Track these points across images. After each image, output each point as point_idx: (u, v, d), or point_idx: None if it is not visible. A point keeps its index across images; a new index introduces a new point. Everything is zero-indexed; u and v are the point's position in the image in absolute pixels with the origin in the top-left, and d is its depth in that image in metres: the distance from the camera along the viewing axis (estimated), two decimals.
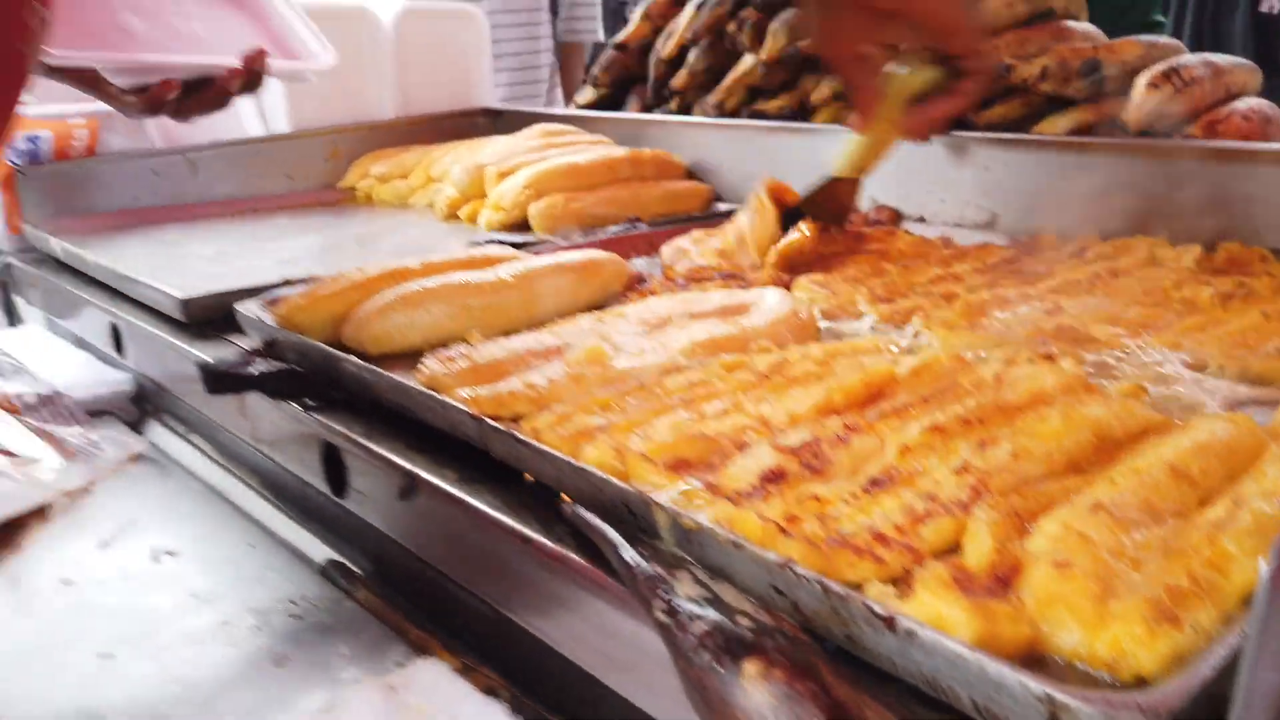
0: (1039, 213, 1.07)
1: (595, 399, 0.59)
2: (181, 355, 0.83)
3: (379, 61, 1.57)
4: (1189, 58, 1.06)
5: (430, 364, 0.66)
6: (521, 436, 0.54)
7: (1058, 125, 1.06)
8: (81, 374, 1.03)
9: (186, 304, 0.88)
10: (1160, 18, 1.83)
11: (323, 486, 0.67)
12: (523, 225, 1.24)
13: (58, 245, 1.15)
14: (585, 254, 0.87)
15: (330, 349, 0.70)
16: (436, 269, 0.80)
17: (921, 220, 1.17)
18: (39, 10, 0.54)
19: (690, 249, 0.99)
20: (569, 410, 0.57)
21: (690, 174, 1.41)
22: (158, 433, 0.99)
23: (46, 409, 0.96)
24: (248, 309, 0.79)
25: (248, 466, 0.80)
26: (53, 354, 1.11)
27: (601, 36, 2.59)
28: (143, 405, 1.04)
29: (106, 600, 0.67)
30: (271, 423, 0.72)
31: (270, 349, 0.77)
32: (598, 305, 0.86)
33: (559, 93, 2.51)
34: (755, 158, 1.34)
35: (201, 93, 0.86)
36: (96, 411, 1.00)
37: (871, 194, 1.22)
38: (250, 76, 0.86)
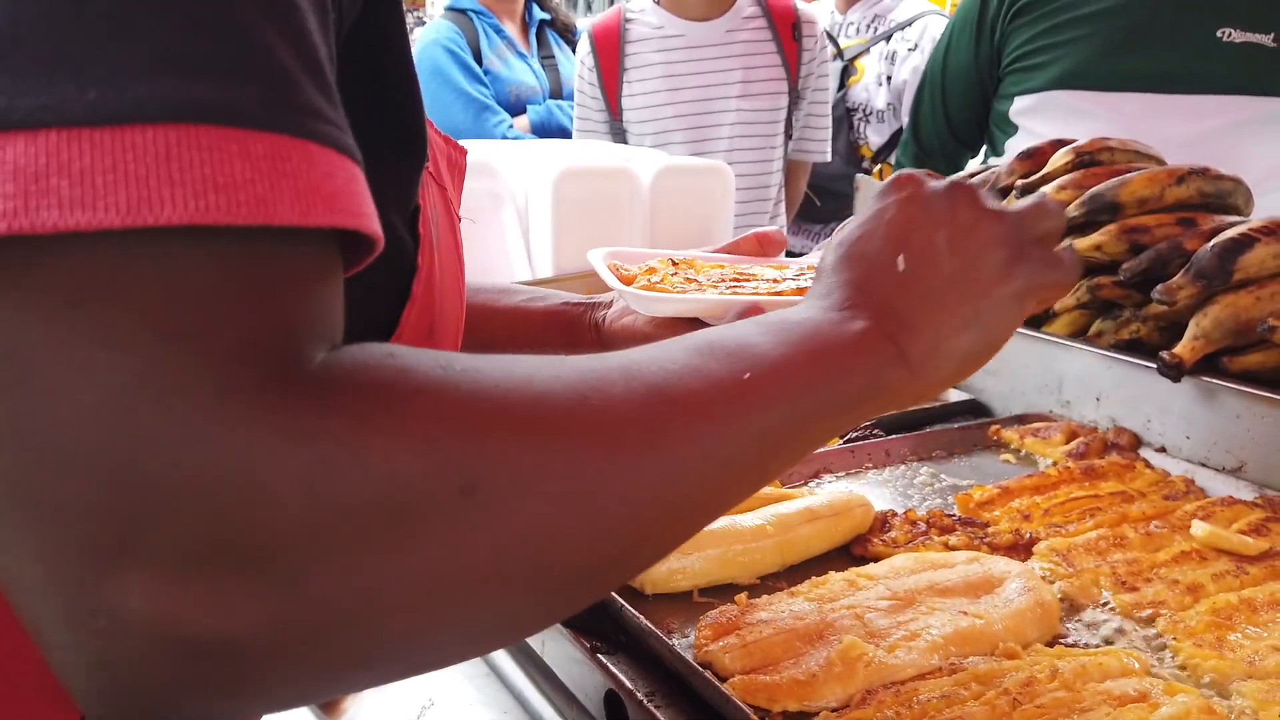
0: None
1: (858, 713, 0.67)
2: None
3: (636, 213, 1.71)
4: None
5: (705, 636, 0.76)
6: None
7: None
8: None
9: None
10: None
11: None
12: None
13: None
14: (836, 498, 0.95)
15: (613, 595, 0.81)
16: None
17: (1163, 451, 1.17)
18: None
19: None
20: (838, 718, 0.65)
21: None
22: None
23: None
24: None
25: (532, 660, 0.92)
26: None
27: (829, 157, 2.67)
28: None
29: None
30: (561, 649, 0.84)
31: None
32: (845, 544, 0.94)
33: (782, 206, 2.61)
34: None
35: None
36: None
37: (1113, 414, 1.23)
38: None
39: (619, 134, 2.46)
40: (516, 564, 0.37)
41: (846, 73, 2.88)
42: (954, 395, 1.39)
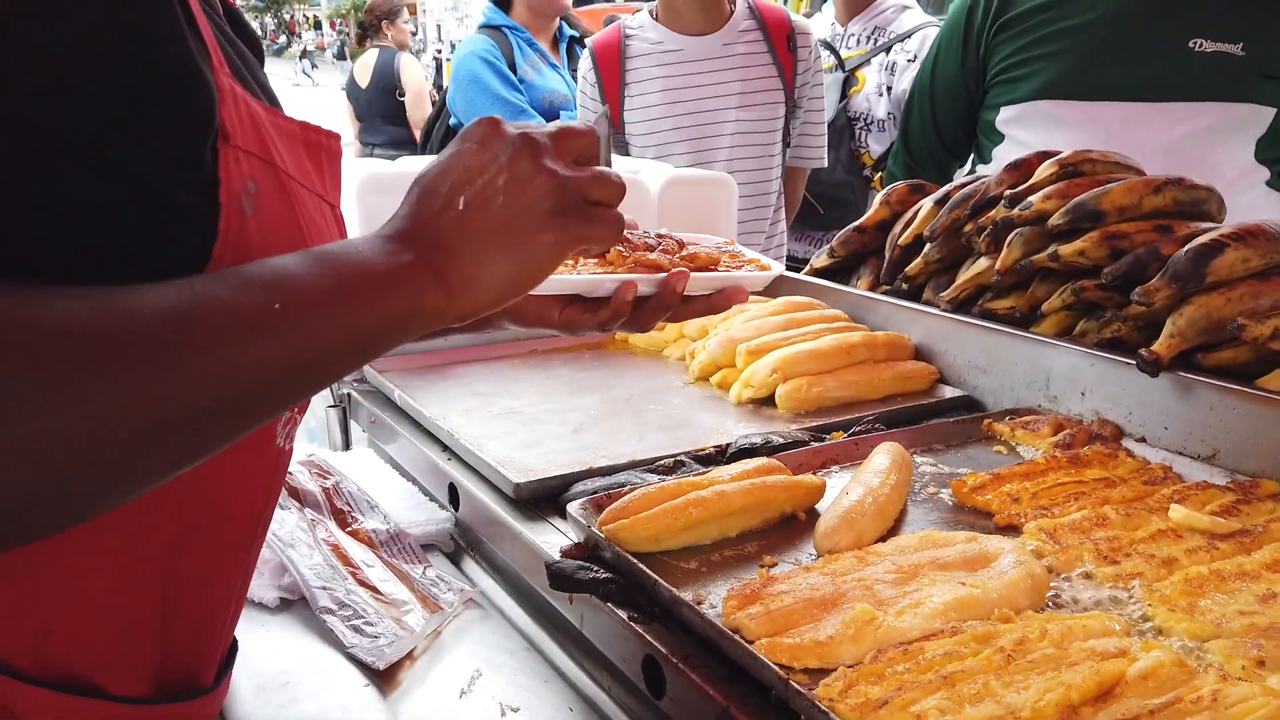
0: (1261, 456, 1.16)
1: (870, 668, 0.75)
2: (524, 544, 1.05)
3: (644, 221, 1.79)
4: None
5: (732, 605, 0.84)
6: (821, 706, 0.71)
7: None
8: (415, 512, 1.28)
9: (518, 487, 1.11)
10: None
11: (640, 685, 0.87)
12: (768, 400, 1.43)
13: (397, 395, 1.42)
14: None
15: (647, 571, 0.90)
16: (714, 504, 0.99)
17: (1143, 440, 1.27)
18: None
19: None
20: (853, 676, 0.74)
21: (917, 351, 1.56)
22: (475, 571, 1.22)
23: (395, 544, 1.21)
24: (576, 511, 1.00)
25: (568, 634, 1.01)
26: (385, 484, 1.37)
27: (826, 162, 2.76)
28: (456, 539, 1.28)
29: None
30: (600, 621, 0.92)
31: (593, 549, 0.98)
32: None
33: (782, 211, 2.69)
34: (977, 352, 1.48)
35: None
36: (425, 545, 1.25)
37: (1097, 407, 1.33)
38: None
39: (621, 146, 2.55)
40: (14, 481, 0.49)
41: (848, 83, 2.97)
42: (948, 392, 1.48)
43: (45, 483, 0.50)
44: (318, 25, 45.47)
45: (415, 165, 1.87)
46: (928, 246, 1.58)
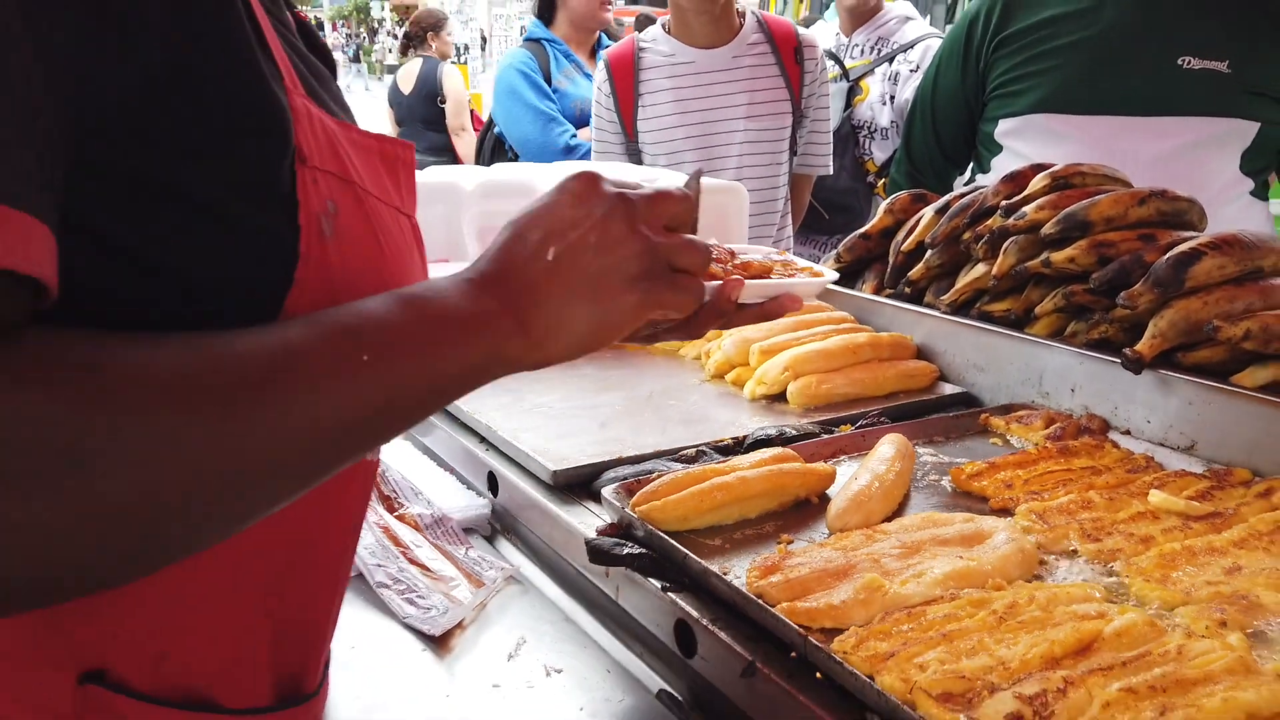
0: (1235, 447, 1.26)
1: (879, 627, 0.86)
2: (561, 526, 1.15)
3: None
4: None
5: (754, 575, 0.95)
6: (836, 658, 0.81)
7: (1257, 377, 1.25)
8: (455, 498, 1.39)
9: (555, 474, 1.21)
10: None
11: (672, 647, 0.97)
12: (780, 397, 1.53)
13: None
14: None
15: (678, 546, 1.00)
16: (736, 488, 1.09)
17: (1128, 433, 1.37)
18: None
19: None
20: (864, 634, 0.85)
21: (918, 351, 1.66)
22: (510, 552, 1.33)
23: (439, 528, 1.32)
24: (610, 494, 1.11)
25: (601, 608, 1.11)
26: (424, 473, 1.47)
27: (831, 170, 2.86)
28: (493, 523, 1.39)
29: (526, 702, 0.99)
30: (635, 592, 1.03)
31: (626, 528, 1.08)
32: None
33: (789, 217, 2.80)
34: (975, 352, 1.58)
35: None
36: (466, 528, 1.35)
37: (1085, 402, 1.43)
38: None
39: (635, 155, 2.66)
40: (120, 526, 0.50)
41: (852, 92, 3.08)
42: (948, 389, 1.59)
43: (148, 526, 0.51)
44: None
45: (443, 176, 1.98)
46: (929, 253, 1.68)
